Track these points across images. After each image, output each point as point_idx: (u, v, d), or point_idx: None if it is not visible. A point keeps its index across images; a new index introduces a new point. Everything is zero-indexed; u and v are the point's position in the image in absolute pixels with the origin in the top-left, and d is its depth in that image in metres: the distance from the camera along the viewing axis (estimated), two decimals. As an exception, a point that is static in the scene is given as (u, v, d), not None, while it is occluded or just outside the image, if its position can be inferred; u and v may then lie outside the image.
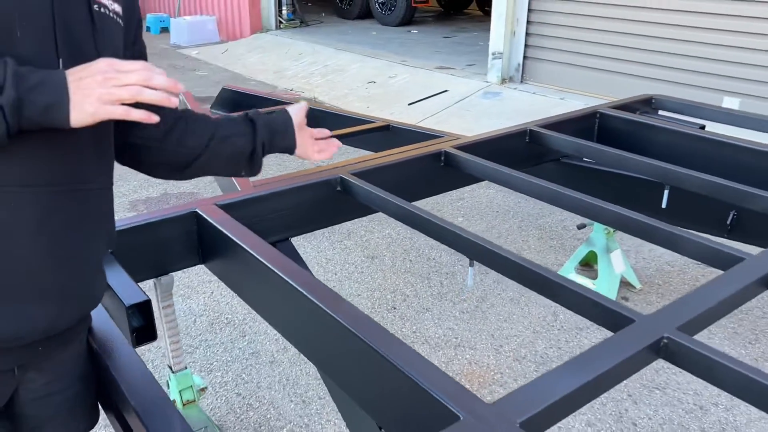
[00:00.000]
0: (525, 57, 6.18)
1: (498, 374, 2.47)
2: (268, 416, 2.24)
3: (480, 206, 4.04)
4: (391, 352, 1.12)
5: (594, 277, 3.00)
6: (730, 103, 4.73)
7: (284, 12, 10.36)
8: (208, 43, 9.98)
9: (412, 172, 2.22)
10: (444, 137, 2.64)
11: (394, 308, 2.91)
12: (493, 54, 6.20)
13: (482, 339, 2.69)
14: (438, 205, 4.01)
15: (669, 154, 2.52)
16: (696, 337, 1.26)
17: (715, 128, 2.73)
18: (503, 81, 6.19)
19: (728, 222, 2.28)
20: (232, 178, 2.09)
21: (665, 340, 1.21)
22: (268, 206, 1.88)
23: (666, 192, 2.20)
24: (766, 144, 2.37)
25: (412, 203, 1.84)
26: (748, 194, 1.97)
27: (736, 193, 2.01)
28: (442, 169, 2.29)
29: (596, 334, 2.70)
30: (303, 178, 1.99)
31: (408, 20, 10.57)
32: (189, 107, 3.09)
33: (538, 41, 6.06)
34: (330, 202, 1.99)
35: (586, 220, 3.13)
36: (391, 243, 3.53)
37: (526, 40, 6.11)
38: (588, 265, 3.19)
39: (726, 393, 2.27)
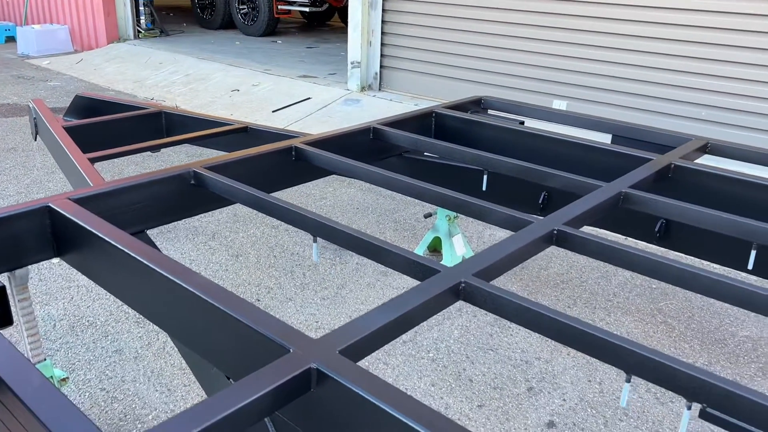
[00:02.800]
0: (382, 66, 6.55)
1: (354, 350, 2.71)
2: (134, 406, 2.31)
3: (341, 204, 4.28)
4: (229, 306, 1.30)
5: (440, 260, 3.33)
6: (559, 104, 5.35)
7: (143, 21, 10.11)
8: (61, 53, 9.51)
9: (265, 167, 2.40)
10: (298, 137, 2.84)
11: (258, 300, 3.07)
12: (352, 63, 6.51)
13: (341, 320, 2.92)
14: (303, 205, 4.20)
15: (493, 146, 2.89)
16: (494, 282, 1.56)
17: (534, 124, 3.15)
18: (363, 89, 6.52)
19: (540, 201, 2.68)
20: (86, 176, 2.17)
21: (463, 284, 1.49)
22: (121, 200, 1.98)
23: (485, 177, 2.54)
24: (572, 135, 2.79)
25: (270, 194, 2.02)
26: (555, 176, 2.34)
27: (545, 175, 2.38)
28: (294, 163, 2.49)
29: (442, 309, 3.01)
30: (157, 173, 2.10)
31: (271, 31, 10.70)
32: (40, 115, 3.07)
33: (393, 51, 6.46)
34: (184, 196, 2.13)
35: (431, 209, 3.46)
36: (255, 242, 3.67)
37: (381, 51, 6.48)
38: (436, 250, 3.52)
39: (546, 349, 2.63)
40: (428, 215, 3.49)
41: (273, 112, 6.29)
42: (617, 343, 1.25)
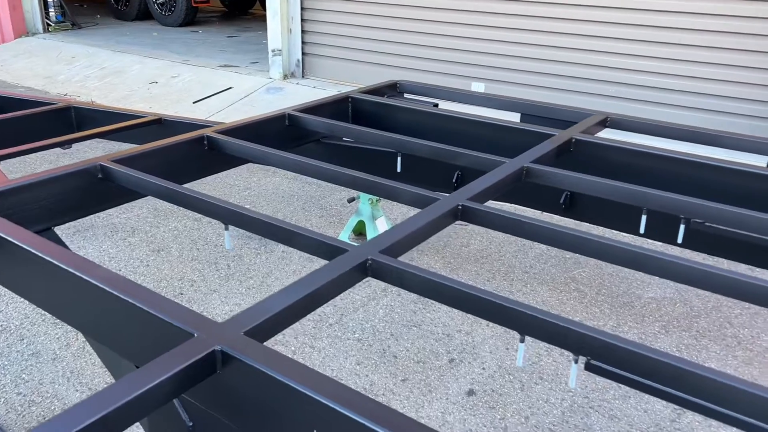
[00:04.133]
0: (304, 53, 6.52)
1: (280, 335, 2.73)
2: (53, 408, 2.26)
3: (266, 194, 4.27)
4: (132, 295, 1.31)
5: (365, 243, 3.38)
6: (477, 87, 5.49)
7: (52, 14, 9.64)
8: (-38, 49, 8.96)
9: (176, 158, 2.38)
10: (212, 126, 2.82)
11: (182, 294, 3.04)
12: (273, 51, 6.45)
13: (267, 309, 2.93)
14: (225, 196, 4.16)
15: (408, 129, 2.95)
16: (415, 261, 1.61)
17: (448, 106, 3.23)
18: (285, 77, 6.48)
19: (454, 180, 2.77)
20: (-15, 175, 2.09)
21: (370, 261, 1.54)
22: (24, 197, 1.93)
23: (399, 159, 2.60)
24: (483, 115, 2.89)
25: (182, 186, 2.00)
26: (465, 155, 2.42)
27: (455, 155, 2.46)
28: (207, 152, 2.47)
29: (361, 287, 3.08)
30: (62, 169, 2.05)
31: (190, 21, 10.43)
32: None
33: (314, 38, 6.44)
34: (92, 190, 2.08)
35: (355, 194, 3.51)
36: (177, 235, 3.62)
37: (302, 38, 6.45)
38: (361, 234, 3.57)
39: (467, 322, 2.72)
40: (352, 200, 3.54)
41: (194, 103, 6.17)
42: (510, 306, 1.33)
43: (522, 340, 1.35)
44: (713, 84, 4.56)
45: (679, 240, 1.97)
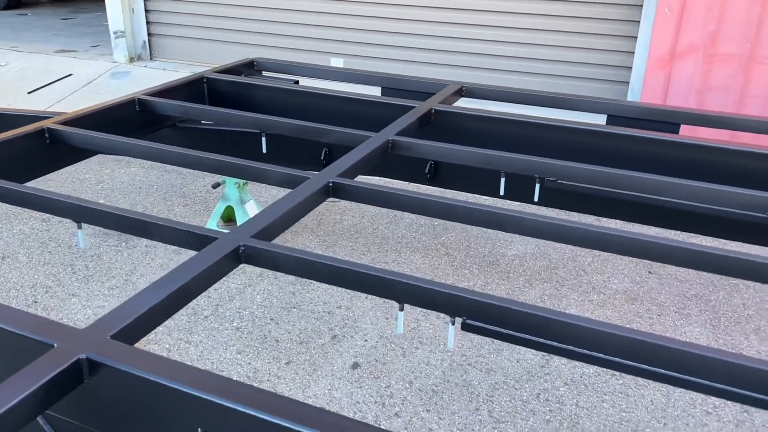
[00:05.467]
0: (150, 34, 6.13)
1: (152, 334, 2.59)
2: None
3: (122, 186, 4.00)
4: (-22, 309, 1.17)
5: (235, 229, 3.28)
6: (336, 62, 5.47)
7: None
8: None
9: (13, 155, 2.15)
10: (53, 116, 2.57)
11: (35, 302, 2.78)
12: (115, 33, 6.00)
13: (135, 308, 2.76)
14: (75, 192, 3.85)
15: (270, 108, 2.88)
16: (288, 243, 1.58)
17: (309, 83, 3.19)
18: (132, 60, 6.07)
19: (322, 158, 2.75)
20: None
21: (243, 247, 1.50)
22: None
23: (263, 139, 2.53)
24: (345, 91, 2.87)
25: (24, 185, 1.81)
26: (331, 131, 2.39)
27: (321, 131, 2.43)
28: (49, 146, 2.26)
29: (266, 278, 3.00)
30: None
31: (16, 3, 9.44)
32: None
33: (161, 17, 6.07)
34: None
35: (220, 179, 3.38)
36: (24, 239, 3.30)
37: (147, 17, 6.06)
38: (231, 220, 3.46)
39: (346, 297, 2.74)
40: (216, 185, 3.41)
41: (29, 93, 5.61)
42: (387, 277, 1.36)
43: (401, 309, 1.38)
44: (559, 51, 4.89)
45: (536, 198, 2.10)
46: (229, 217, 3.43)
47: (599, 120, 2.69)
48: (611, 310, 2.83)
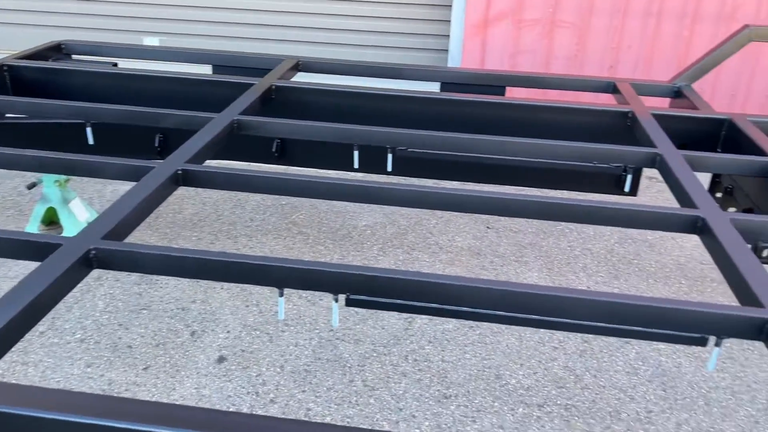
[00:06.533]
0: None
1: (-21, 362, 2.27)
2: None
3: None
4: None
5: (60, 233, 2.96)
6: (151, 41, 5.08)
7: None
8: None
9: None
10: None
11: None
12: None
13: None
14: None
15: (90, 94, 2.61)
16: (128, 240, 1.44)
17: (129, 64, 2.93)
18: None
19: (157, 145, 2.56)
20: None
21: (93, 251, 1.35)
22: None
23: (88, 129, 2.29)
24: (172, 71, 2.68)
25: None
26: (166, 115, 2.21)
27: (155, 116, 2.24)
28: None
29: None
30: None
31: None
32: None
33: (-72, -4, 5.19)
34: None
35: (34, 178, 3.01)
36: None
37: None
38: (54, 223, 3.11)
39: (199, 291, 2.60)
40: (32, 185, 3.03)
41: None
42: (262, 263, 1.30)
43: (281, 294, 1.34)
44: (385, 22, 4.97)
45: (389, 168, 2.14)
46: (50, 219, 3.08)
47: (433, 88, 2.79)
48: (458, 267, 3.00)
